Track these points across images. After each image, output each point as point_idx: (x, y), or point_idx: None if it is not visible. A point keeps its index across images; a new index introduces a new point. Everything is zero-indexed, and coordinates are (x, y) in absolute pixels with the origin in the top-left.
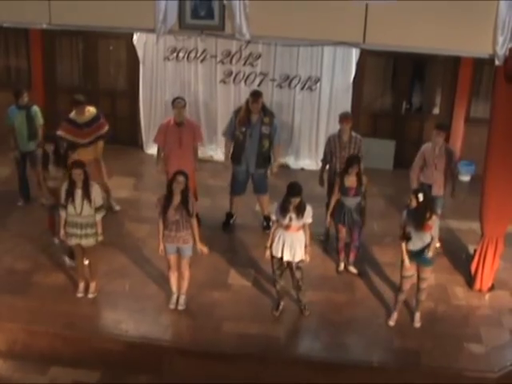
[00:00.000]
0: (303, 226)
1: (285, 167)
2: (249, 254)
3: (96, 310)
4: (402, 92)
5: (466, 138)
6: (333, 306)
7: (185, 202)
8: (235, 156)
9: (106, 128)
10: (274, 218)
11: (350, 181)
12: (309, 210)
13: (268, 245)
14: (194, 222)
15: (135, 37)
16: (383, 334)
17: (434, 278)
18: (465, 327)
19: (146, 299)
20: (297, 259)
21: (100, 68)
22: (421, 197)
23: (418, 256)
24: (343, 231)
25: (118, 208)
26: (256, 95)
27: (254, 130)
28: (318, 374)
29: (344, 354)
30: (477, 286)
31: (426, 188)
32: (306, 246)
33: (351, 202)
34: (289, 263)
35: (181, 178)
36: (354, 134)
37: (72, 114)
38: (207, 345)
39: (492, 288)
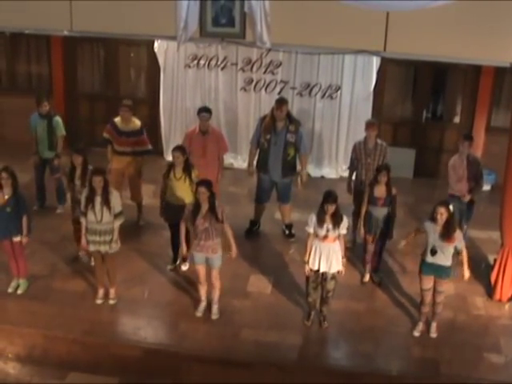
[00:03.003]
0: (338, 237)
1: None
2: (268, 262)
3: (115, 317)
4: (422, 100)
5: (487, 147)
6: (352, 314)
7: (213, 209)
8: (261, 164)
9: (148, 147)
10: (310, 230)
11: (380, 191)
12: (345, 221)
13: (306, 259)
14: (227, 227)
15: (156, 44)
16: (402, 343)
17: (454, 288)
18: (484, 337)
19: (165, 306)
20: (333, 270)
21: (121, 75)
22: (452, 208)
23: (437, 269)
24: (370, 242)
25: (142, 223)
26: (280, 102)
27: (279, 138)
28: (336, 382)
29: (363, 363)
30: (496, 295)
31: (456, 200)
32: (342, 257)
33: (379, 212)
34: (323, 273)
35: (202, 189)
36: (379, 141)
37: (117, 119)
38: (225, 352)
39: None
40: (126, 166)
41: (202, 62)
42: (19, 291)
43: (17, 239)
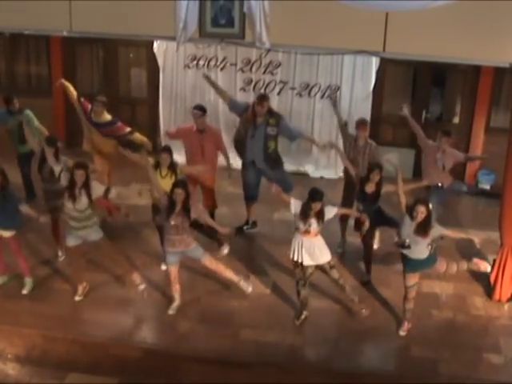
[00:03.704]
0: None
1: (304, 175)
2: (268, 262)
3: (114, 317)
4: (421, 101)
5: (486, 148)
6: (351, 314)
7: (186, 209)
8: (237, 147)
9: (127, 129)
10: (292, 211)
11: (370, 187)
12: (329, 210)
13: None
14: (206, 216)
15: (155, 44)
16: (402, 343)
17: (453, 288)
18: (484, 337)
19: (164, 306)
20: (322, 261)
21: (120, 75)
22: (430, 206)
23: (419, 263)
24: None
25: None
26: (261, 98)
27: (258, 132)
28: (336, 382)
29: (362, 363)
30: (496, 296)
31: (434, 189)
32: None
33: (368, 208)
34: (317, 267)
35: (179, 190)
36: (369, 140)
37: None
38: (225, 352)
39: (511, 298)
40: (108, 161)
41: (201, 62)
42: (24, 291)
43: (6, 235)
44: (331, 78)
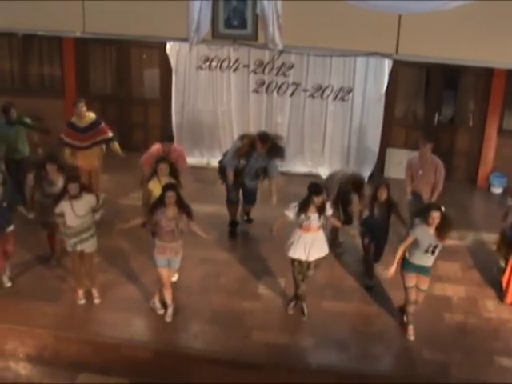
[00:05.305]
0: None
1: (316, 177)
2: (279, 264)
3: (125, 318)
4: (434, 103)
5: (499, 150)
6: (363, 316)
7: (184, 209)
8: None
9: (109, 135)
10: (290, 215)
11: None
12: (327, 206)
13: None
14: (194, 225)
15: (168, 46)
16: (412, 346)
17: (465, 291)
18: (495, 340)
19: (175, 308)
20: (313, 258)
21: (133, 76)
22: (443, 209)
23: (420, 269)
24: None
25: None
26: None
27: None
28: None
29: (373, 365)
30: (508, 299)
31: (417, 197)
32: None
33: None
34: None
35: (170, 193)
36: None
37: (73, 118)
38: (236, 354)
39: None
40: (91, 162)
41: (213, 63)
42: None
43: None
44: (344, 80)
